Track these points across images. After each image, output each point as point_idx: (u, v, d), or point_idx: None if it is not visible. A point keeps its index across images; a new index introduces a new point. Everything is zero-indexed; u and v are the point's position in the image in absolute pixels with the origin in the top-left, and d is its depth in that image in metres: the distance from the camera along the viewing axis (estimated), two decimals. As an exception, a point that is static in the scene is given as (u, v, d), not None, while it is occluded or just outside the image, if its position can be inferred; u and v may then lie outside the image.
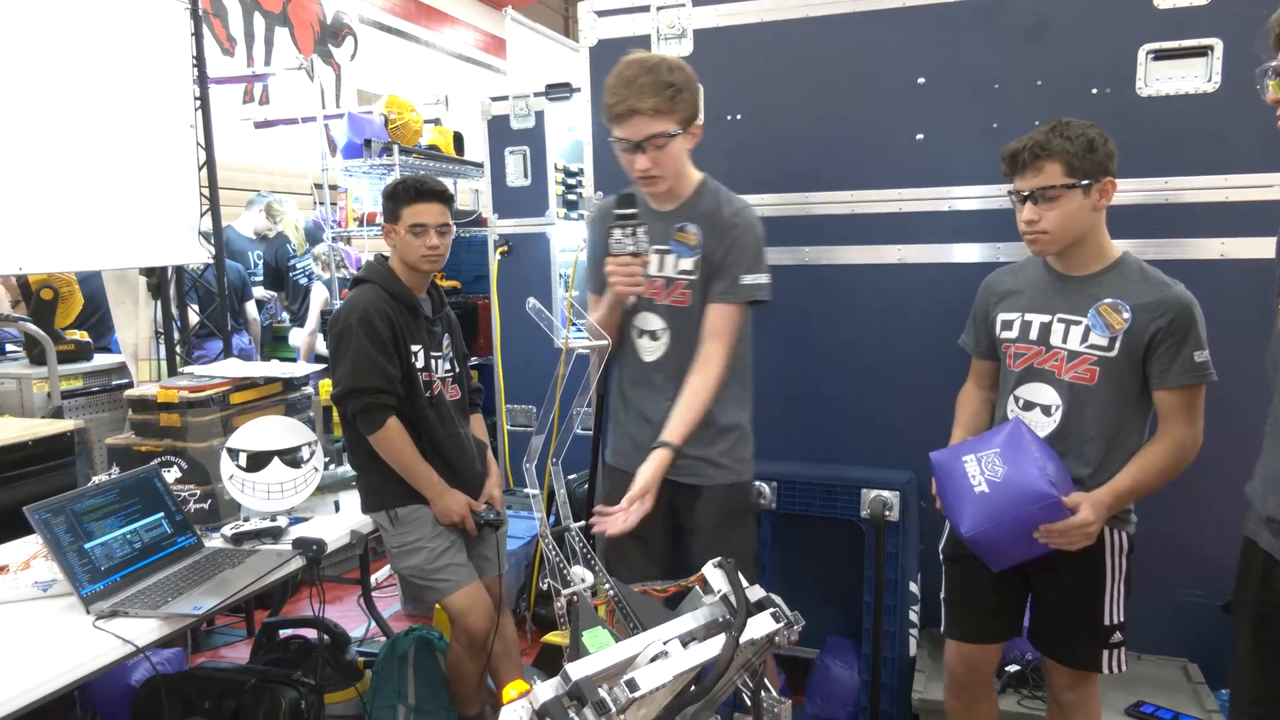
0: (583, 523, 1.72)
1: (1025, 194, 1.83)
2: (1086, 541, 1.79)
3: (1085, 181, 1.79)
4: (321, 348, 5.17)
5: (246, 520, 2.39)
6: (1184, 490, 2.46)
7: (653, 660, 1.39)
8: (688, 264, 2.11)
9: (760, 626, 1.53)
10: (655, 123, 1.93)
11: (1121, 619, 1.90)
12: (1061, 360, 1.88)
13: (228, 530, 2.33)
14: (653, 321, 2.15)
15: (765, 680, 1.67)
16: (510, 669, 2.60)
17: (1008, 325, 1.97)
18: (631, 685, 1.30)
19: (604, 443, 2.38)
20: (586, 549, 1.69)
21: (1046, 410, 1.90)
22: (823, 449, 2.77)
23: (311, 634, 2.84)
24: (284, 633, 2.80)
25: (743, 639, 1.49)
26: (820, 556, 2.79)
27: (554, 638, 3.04)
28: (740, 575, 1.59)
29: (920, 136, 2.59)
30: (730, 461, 2.14)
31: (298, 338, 5.70)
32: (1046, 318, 1.91)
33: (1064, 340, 1.88)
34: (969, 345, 2.11)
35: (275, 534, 2.33)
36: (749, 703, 1.67)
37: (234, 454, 2.42)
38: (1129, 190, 2.44)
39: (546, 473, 1.78)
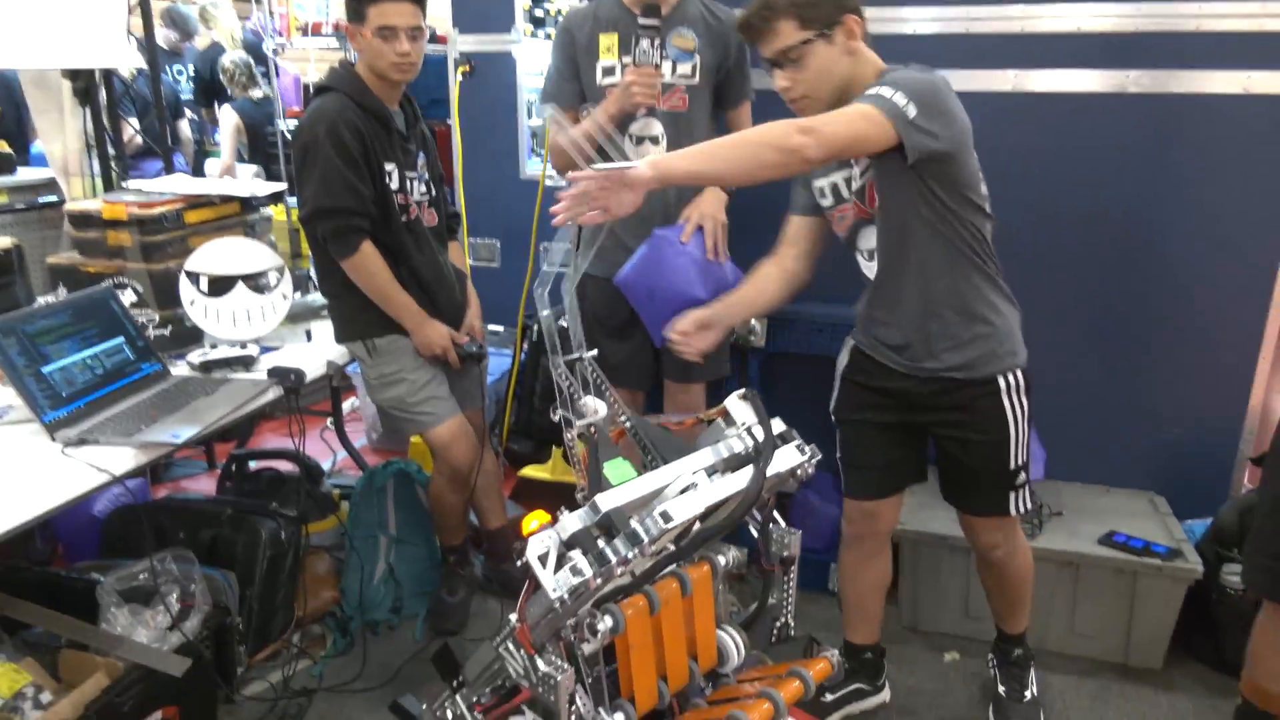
0: (594, 351, 1.62)
1: (771, 61, 1.71)
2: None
3: (825, 30, 1.66)
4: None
5: (214, 348, 2.24)
6: (1175, 333, 2.49)
7: (682, 493, 1.35)
8: (686, 68, 2.23)
9: (785, 459, 1.49)
10: None
11: (1024, 459, 1.85)
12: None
13: (194, 358, 2.18)
14: (654, 127, 2.23)
15: (774, 512, 1.66)
16: (492, 501, 2.58)
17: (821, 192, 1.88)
18: (665, 516, 1.25)
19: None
20: (599, 378, 1.61)
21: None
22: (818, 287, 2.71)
23: (284, 467, 2.76)
24: (254, 465, 2.72)
25: (769, 472, 1.45)
26: (806, 394, 2.77)
27: (532, 472, 3.02)
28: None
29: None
30: None
31: (213, 168, 5.12)
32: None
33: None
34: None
35: (246, 363, 2.19)
36: (755, 534, 1.66)
37: (194, 277, 2.24)
38: (1138, 16, 2.30)
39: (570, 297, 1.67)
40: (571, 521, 1.26)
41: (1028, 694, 2.05)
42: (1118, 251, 2.47)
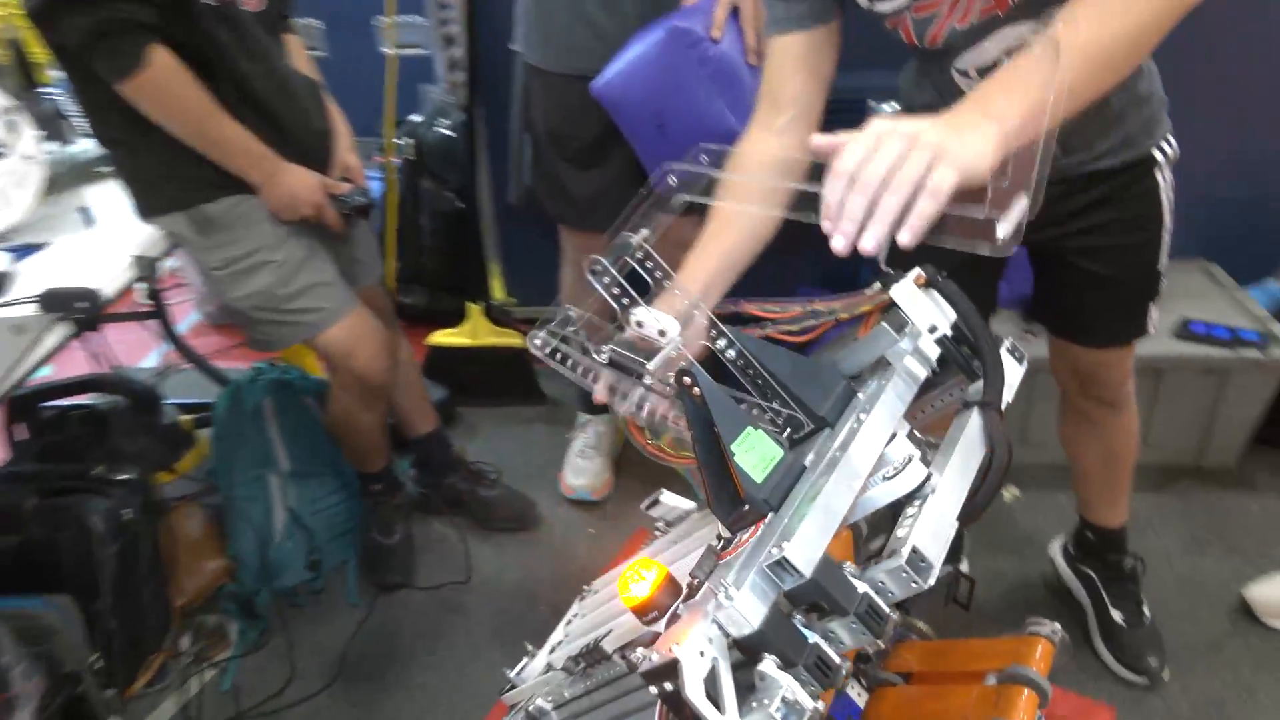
0: (645, 232, 0.91)
1: None
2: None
3: None
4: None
5: (-73, 264, 1.36)
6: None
7: (914, 499, 0.75)
8: None
9: (1012, 374, 0.90)
10: None
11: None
12: None
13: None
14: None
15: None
16: (416, 400, 1.90)
17: None
18: (918, 562, 0.66)
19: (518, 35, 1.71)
20: (662, 269, 0.92)
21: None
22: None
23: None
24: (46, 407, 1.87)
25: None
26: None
27: (444, 339, 2.32)
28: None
29: None
30: None
31: None
32: None
33: None
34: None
35: (-7, 282, 1.34)
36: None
37: None
38: None
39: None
40: (742, 604, 0.64)
41: (1147, 612, 1.60)
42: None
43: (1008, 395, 0.85)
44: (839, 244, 0.73)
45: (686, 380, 0.78)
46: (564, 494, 2.02)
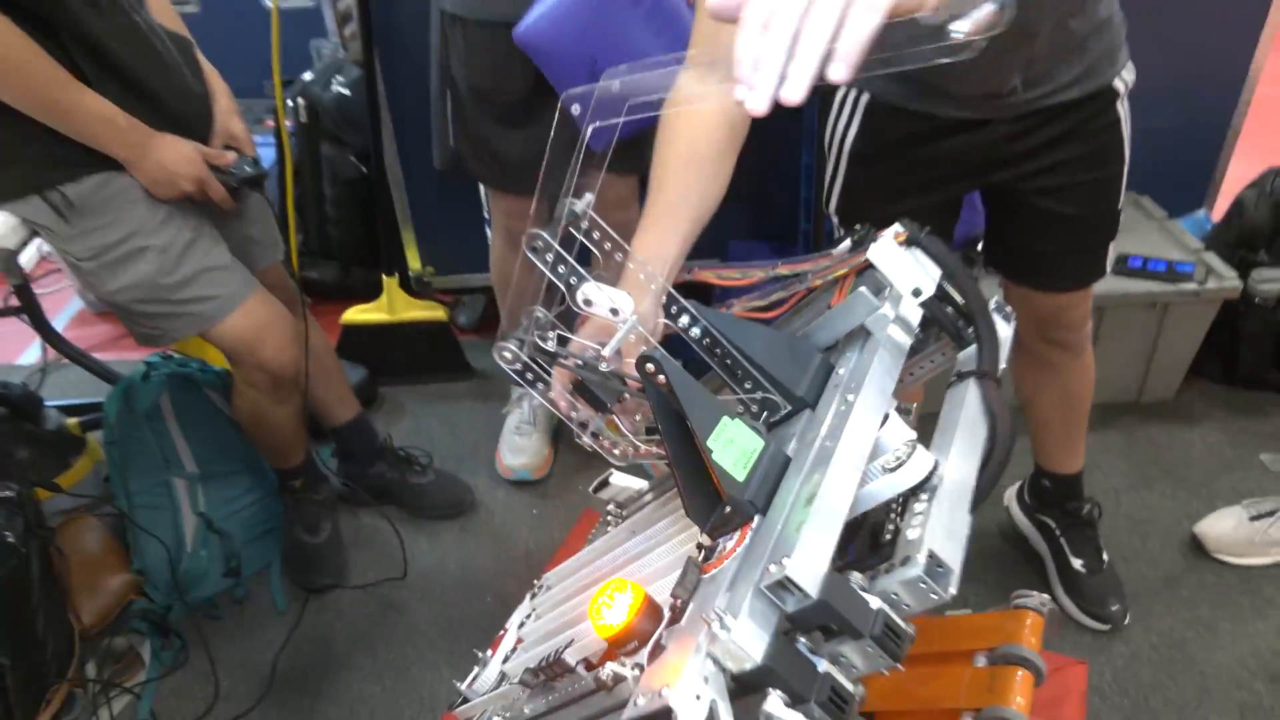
0: (588, 198, 0.79)
1: None
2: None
3: None
4: None
5: None
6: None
7: (920, 493, 0.66)
8: None
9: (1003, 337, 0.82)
10: None
11: None
12: None
13: None
14: None
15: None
16: (334, 387, 1.75)
17: None
18: (936, 569, 0.57)
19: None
20: (611, 240, 0.80)
21: None
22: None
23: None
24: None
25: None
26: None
27: (358, 316, 2.15)
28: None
29: None
30: None
31: None
32: None
33: None
34: None
35: None
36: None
37: None
38: None
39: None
40: (741, 634, 0.55)
41: (1105, 557, 1.58)
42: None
43: (1000, 360, 0.77)
44: (756, 102, 0.55)
45: (650, 367, 0.67)
46: (502, 475, 1.90)
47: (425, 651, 1.57)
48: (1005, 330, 0.79)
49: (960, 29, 0.58)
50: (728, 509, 0.65)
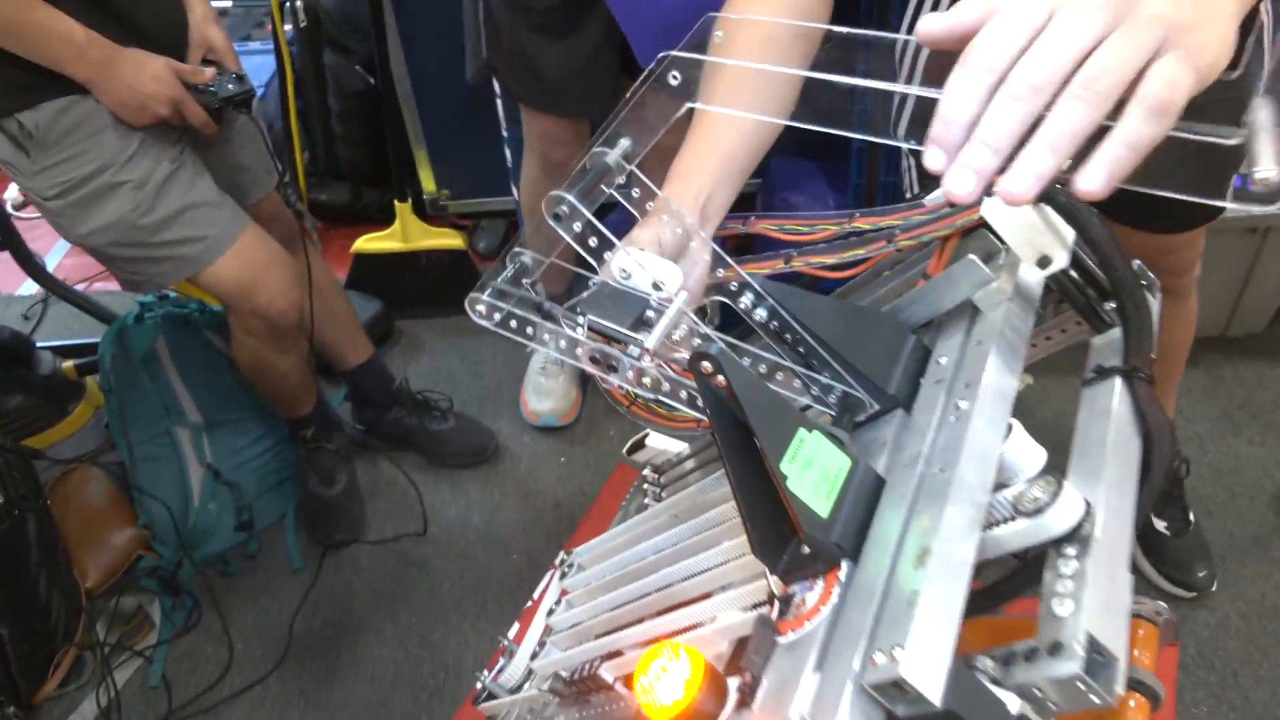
0: (626, 143, 0.61)
1: None
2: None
3: None
4: None
5: None
6: None
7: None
8: None
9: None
10: None
11: None
12: None
13: None
14: None
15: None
16: (344, 329, 1.61)
17: None
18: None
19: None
20: (647, 192, 0.63)
21: None
22: None
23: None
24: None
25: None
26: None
27: (369, 245, 1.99)
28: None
29: None
30: None
31: None
32: None
33: None
34: None
35: None
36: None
37: None
38: None
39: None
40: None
41: (1192, 518, 1.43)
42: None
43: (1152, 350, 0.61)
44: (960, 185, 0.39)
45: (707, 367, 0.52)
46: (527, 420, 1.77)
47: (449, 614, 1.47)
48: (1153, 307, 0.63)
49: (1266, 173, 0.41)
50: (805, 548, 0.51)
